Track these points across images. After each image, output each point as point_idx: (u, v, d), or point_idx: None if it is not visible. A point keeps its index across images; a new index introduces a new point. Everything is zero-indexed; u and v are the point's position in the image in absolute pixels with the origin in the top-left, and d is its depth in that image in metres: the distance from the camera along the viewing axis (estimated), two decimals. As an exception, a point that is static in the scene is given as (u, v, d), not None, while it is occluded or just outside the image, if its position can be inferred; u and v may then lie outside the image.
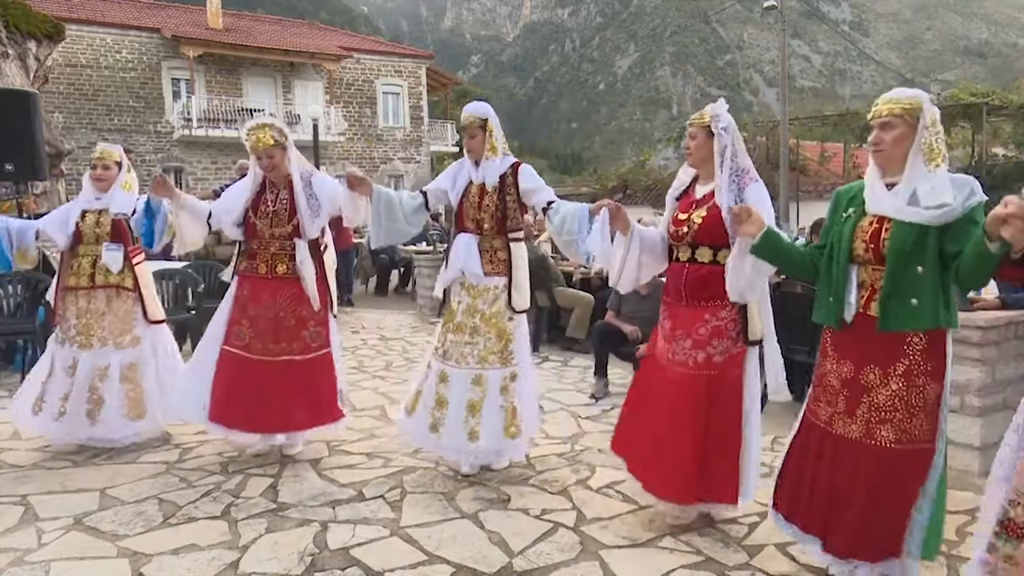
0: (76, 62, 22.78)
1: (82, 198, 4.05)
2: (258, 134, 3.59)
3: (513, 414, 3.43)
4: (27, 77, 8.01)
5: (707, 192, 2.89)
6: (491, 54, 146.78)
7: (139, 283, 4.03)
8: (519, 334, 3.52)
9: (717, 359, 2.80)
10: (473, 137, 3.47)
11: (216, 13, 26.77)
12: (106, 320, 3.94)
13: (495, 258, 3.48)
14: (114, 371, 3.89)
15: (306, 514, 3.06)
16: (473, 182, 3.51)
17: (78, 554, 2.72)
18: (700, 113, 2.92)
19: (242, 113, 25.17)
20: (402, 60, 29.90)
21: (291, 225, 3.64)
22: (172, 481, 3.45)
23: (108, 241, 3.94)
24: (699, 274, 2.84)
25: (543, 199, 3.44)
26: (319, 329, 3.72)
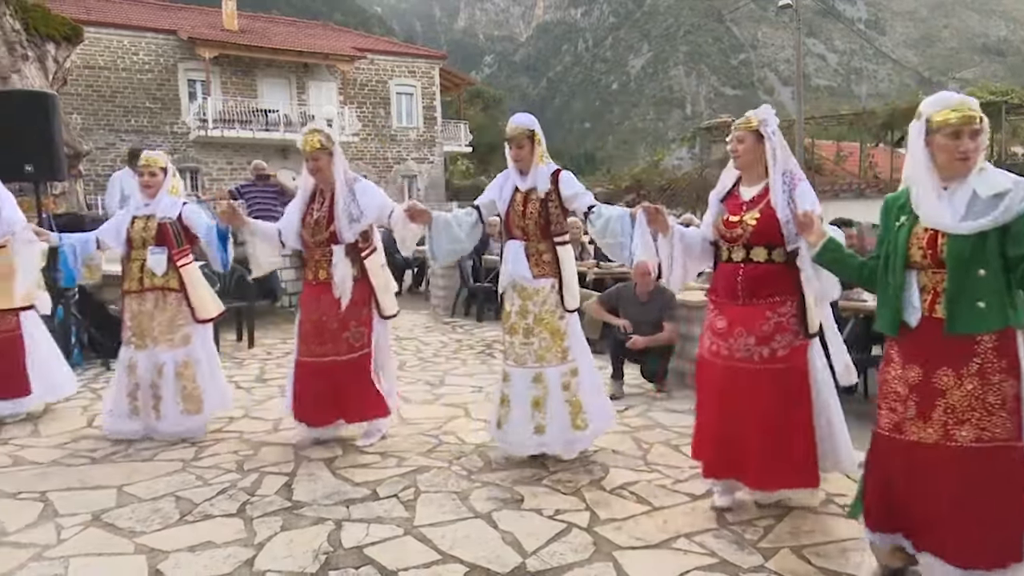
0: (94, 64, 23.02)
1: (132, 205, 4.25)
2: (308, 137, 3.82)
3: (579, 408, 3.60)
4: (46, 79, 8.12)
5: (756, 194, 2.98)
6: (504, 54, 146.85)
7: (185, 284, 4.16)
8: (572, 332, 3.66)
9: (781, 353, 2.91)
10: (521, 147, 3.60)
11: (231, 15, 26.97)
12: (155, 321, 4.11)
13: (541, 261, 3.62)
14: (168, 369, 4.10)
15: (320, 513, 3.08)
16: (519, 190, 3.65)
17: (96, 550, 2.75)
18: (747, 117, 3.01)
19: (257, 114, 25.36)
20: (415, 61, 29.99)
21: (328, 232, 3.83)
22: (188, 479, 3.48)
23: (153, 245, 4.10)
24: (756, 273, 2.93)
25: (584, 204, 3.57)
26: (361, 330, 3.89)
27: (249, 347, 6.74)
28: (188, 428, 4.13)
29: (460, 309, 8.98)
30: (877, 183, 19.70)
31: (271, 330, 7.41)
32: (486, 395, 5.02)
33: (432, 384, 5.43)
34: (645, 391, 5.14)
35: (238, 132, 24.66)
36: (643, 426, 4.22)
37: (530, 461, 3.68)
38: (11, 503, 3.20)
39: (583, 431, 3.63)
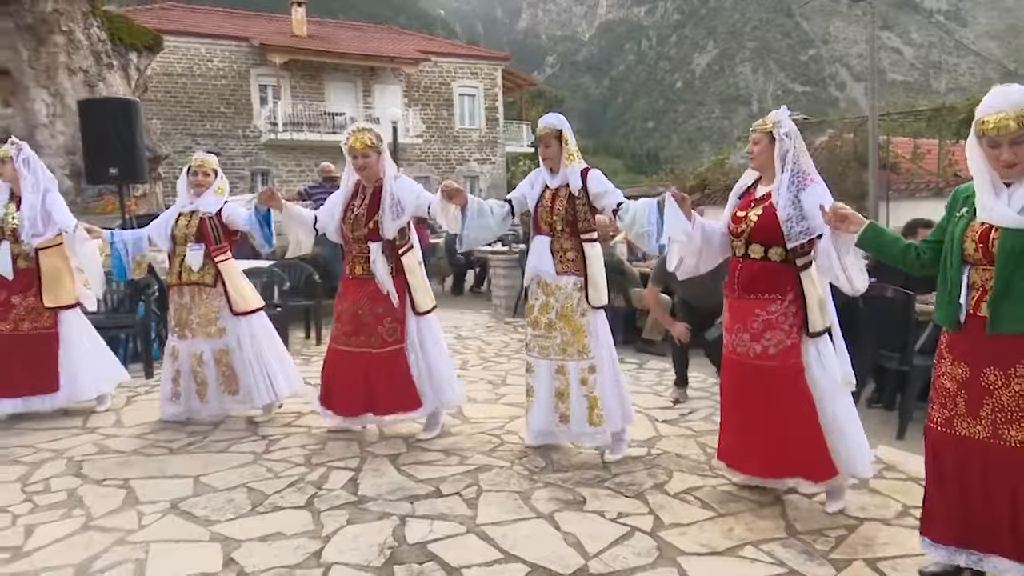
0: (172, 71, 23.99)
1: (178, 203, 4.46)
2: (358, 135, 3.91)
3: (595, 403, 3.65)
4: (129, 86, 8.51)
5: (766, 192, 3.08)
6: (566, 54, 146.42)
7: (222, 279, 4.36)
8: (594, 329, 3.68)
9: (772, 351, 3.00)
10: (548, 146, 3.68)
11: (301, 21, 27.72)
12: (193, 314, 4.37)
13: (565, 258, 3.68)
14: (207, 357, 4.36)
15: (385, 508, 3.14)
16: (548, 187, 3.73)
17: (174, 537, 2.87)
18: (763, 120, 3.11)
19: (324, 117, 25.99)
20: (478, 62, 30.20)
21: (366, 228, 3.93)
22: (260, 471, 3.59)
23: (192, 242, 4.32)
24: (751, 269, 3.05)
25: (612, 201, 3.62)
26: (395, 325, 3.96)
27: (317, 344, 6.91)
28: (227, 409, 4.47)
29: (522, 308, 8.99)
30: (957, 181, 18.80)
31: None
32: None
33: (494, 383, 5.46)
34: (712, 395, 5.05)
35: (306, 135, 25.34)
36: (707, 431, 4.15)
37: (592, 463, 3.67)
38: (98, 489, 3.37)
39: (598, 427, 3.67)
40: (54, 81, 7.53)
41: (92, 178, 6.56)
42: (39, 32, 7.39)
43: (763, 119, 3.12)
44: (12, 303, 4.44)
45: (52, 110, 7.56)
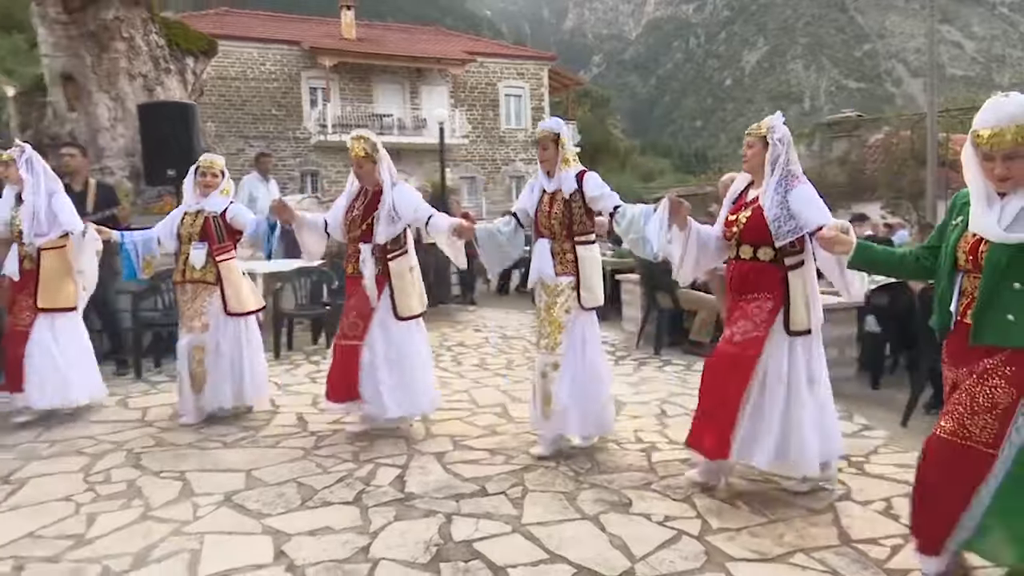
0: (226, 75, 24.60)
1: (185, 202, 4.57)
2: (353, 144, 4.05)
3: (548, 399, 3.75)
4: (185, 90, 8.74)
5: (755, 195, 3.20)
6: (613, 53, 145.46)
7: (222, 278, 4.48)
8: (574, 329, 3.76)
9: (738, 339, 3.16)
10: (546, 149, 3.78)
11: (350, 24, 28.14)
12: (190, 310, 4.50)
13: (564, 260, 3.78)
14: (183, 352, 4.44)
15: (431, 505, 3.16)
16: (545, 191, 3.84)
17: (227, 529, 2.94)
18: (758, 124, 3.22)
19: (372, 118, 26.33)
20: (524, 62, 30.23)
21: (359, 230, 4.07)
22: (309, 466, 3.66)
23: (196, 240, 4.44)
24: (742, 270, 3.18)
25: (609, 204, 3.71)
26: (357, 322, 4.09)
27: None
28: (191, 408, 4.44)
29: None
30: (1022, 179, 18.05)
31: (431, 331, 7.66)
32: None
33: (539, 384, 5.45)
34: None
35: (355, 136, 25.71)
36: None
37: (638, 465, 3.64)
38: (155, 480, 3.48)
39: (547, 421, 3.77)
40: (115, 86, 7.79)
41: (150, 179, 6.77)
42: (101, 39, 7.64)
43: (758, 124, 3.22)
44: (19, 302, 4.54)
45: (113, 114, 7.81)
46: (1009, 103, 2.12)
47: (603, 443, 3.96)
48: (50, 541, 2.84)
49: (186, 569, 2.61)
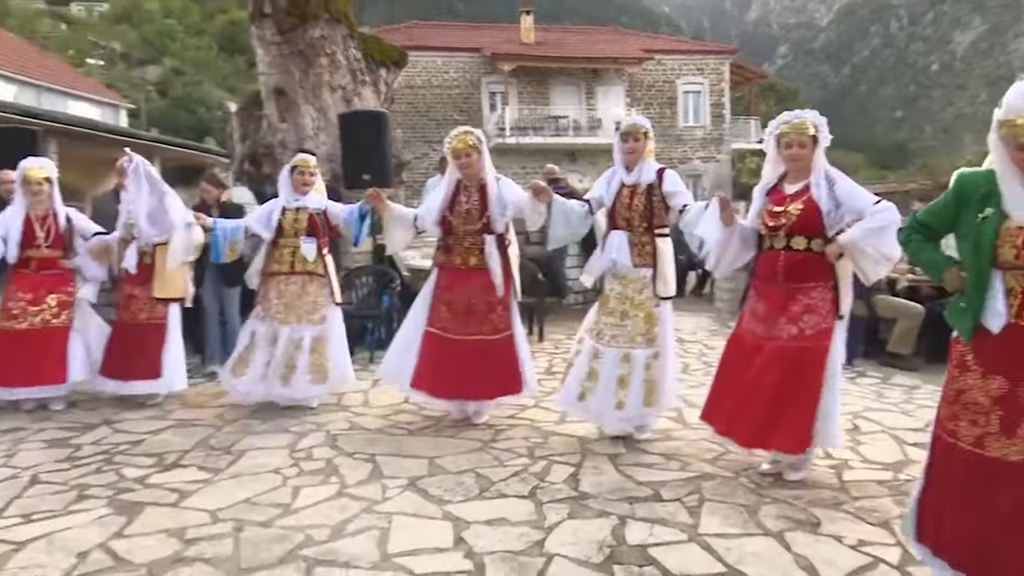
0: (413, 84, 26.15)
1: (282, 198, 4.83)
2: (461, 137, 4.28)
3: (652, 387, 3.93)
4: (378, 99, 9.39)
5: (798, 189, 3.33)
6: (801, 42, 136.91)
7: (327, 270, 4.78)
8: (664, 319, 3.99)
9: (808, 332, 3.27)
10: (637, 140, 3.96)
11: (528, 29, 28.81)
12: (301, 301, 4.70)
13: (643, 251, 3.95)
14: (306, 343, 4.67)
15: (605, 506, 3.16)
16: (625, 185, 3.99)
17: (412, 511, 3.13)
18: (803, 123, 3.33)
19: (548, 120, 26.79)
20: (704, 57, 29.33)
21: (480, 222, 4.25)
22: (487, 458, 3.79)
23: (305, 235, 4.71)
24: (795, 260, 3.29)
25: (680, 202, 3.90)
26: (504, 313, 4.31)
27: (539, 341, 7.13)
28: (309, 396, 4.73)
29: (746, 313, 8.57)
30: None
31: (559, 326, 7.76)
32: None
33: (716, 390, 5.26)
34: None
35: (531, 138, 26.29)
36: (969, 458, 3.64)
37: (827, 483, 3.41)
38: (349, 461, 3.77)
39: (651, 408, 3.97)
40: (319, 98, 8.53)
41: (348, 183, 7.34)
42: (308, 56, 8.41)
43: (801, 122, 3.31)
44: (134, 295, 4.95)
45: (317, 124, 8.57)
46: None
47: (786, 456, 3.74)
48: (263, 508, 3.17)
49: (376, 545, 2.81)
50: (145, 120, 35.08)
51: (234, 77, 47.17)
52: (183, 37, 52.66)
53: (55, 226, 4.92)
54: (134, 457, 3.87)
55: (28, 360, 4.73)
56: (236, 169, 8.96)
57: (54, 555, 2.75)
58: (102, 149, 11.78)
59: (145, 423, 4.50)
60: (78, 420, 4.61)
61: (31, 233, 4.84)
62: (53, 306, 4.88)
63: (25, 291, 4.82)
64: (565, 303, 8.71)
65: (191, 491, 3.37)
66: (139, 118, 34.10)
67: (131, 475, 3.59)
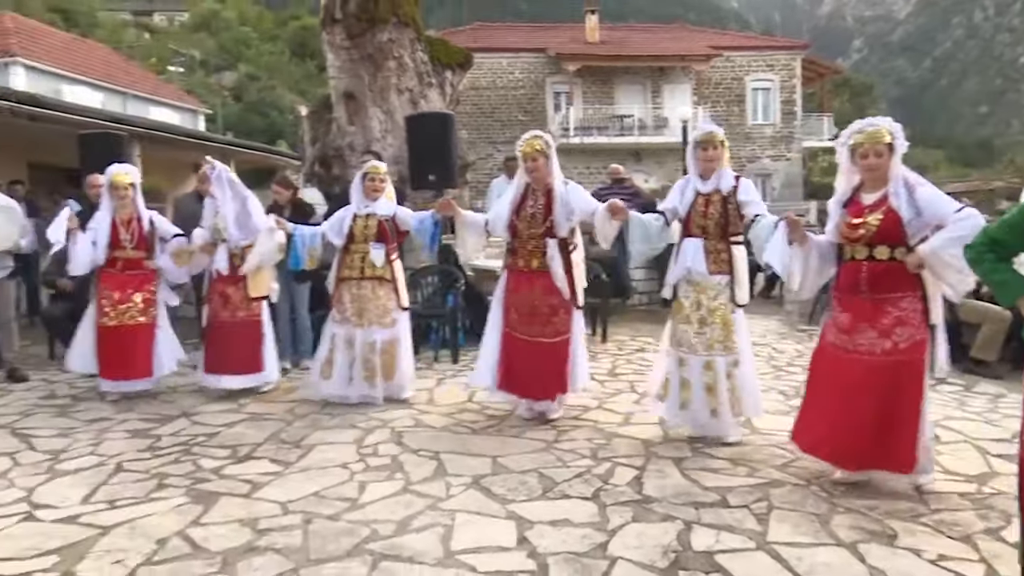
0: (478, 85, 26.34)
1: (353, 204, 4.93)
2: (530, 142, 4.35)
3: (737, 395, 3.93)
4: (444, 101, 9.49)
5: (876, 199, 3.23)
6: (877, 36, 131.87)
7: (395, 276, 4.90)
8: (740, 326, 3.99)
9: (903, 345, 3.18)
10: (716, 148, 3.97)
11: (593, 28, 28.67)
12: (371, 304, 4.82)
13: (719, 259, 3.95)
14: (379, 346, 4.81)
15: (669, 510, 3.11)
16: (700, 193, 4.00)
17: (476, 509, 3.15)
18: (877, 132, 3.19)
19: (613, 120, 26.59)
20: (774, 53, 28.61)
21: (544, 226, 4.30)
22: (550, 459, 3.79)
23: (374, 241, 4.81)
24: (879, 270, 3.20)
25: (752, 211, 3.88)
26: (566, 317, 4.35)
27: (602, 342, 7.08)
28: (377, 396, 4.82)
29: (818, 316, 8.32)
30: None
31: (622, 326, 7.70)
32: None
33: (786, 395, 5.13)
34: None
35: (595, 138, 26.15)
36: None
37: (904, 494, 3.27)
38: (414, 458, 3.82)
39: (739, 417, 3.99)
40: (387, 101, 8.68)
41: (414, 184, 7.45)
42: (376, 59, 8.57)
43: (875, 130, 3.20)
44: (228, 294, 5.16)
45: (384, 126, 8.73)
46: None
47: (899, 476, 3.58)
48: (330, 501, 3.25)
49: (440, 541, 2.84)
50: (221, 124, 36.44)
51: (305, 81, 48.51)
52: (257, 43, 54.47)
53: (139, 228, 5.22)
54: (210, 448, 4.03)
55: (119, 355, 5.06)
56: (306, 171, 9.20)
57: (136, 540, 2.89)
58: (181, 152, 12.29)
59: (220, 416, 4.68)
60: (158, 412, 4.82)
61: (117, 235, 5.16)
62: (139, 303, 5.18)
63: (113, 290, 5.14)
64: (629, 304, 8.63)
65: (263, 483, 3.48)
66: (215, 122, 35.44)
67: (207, 466, 3.74)
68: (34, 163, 10.46)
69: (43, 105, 8.83)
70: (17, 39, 22.25)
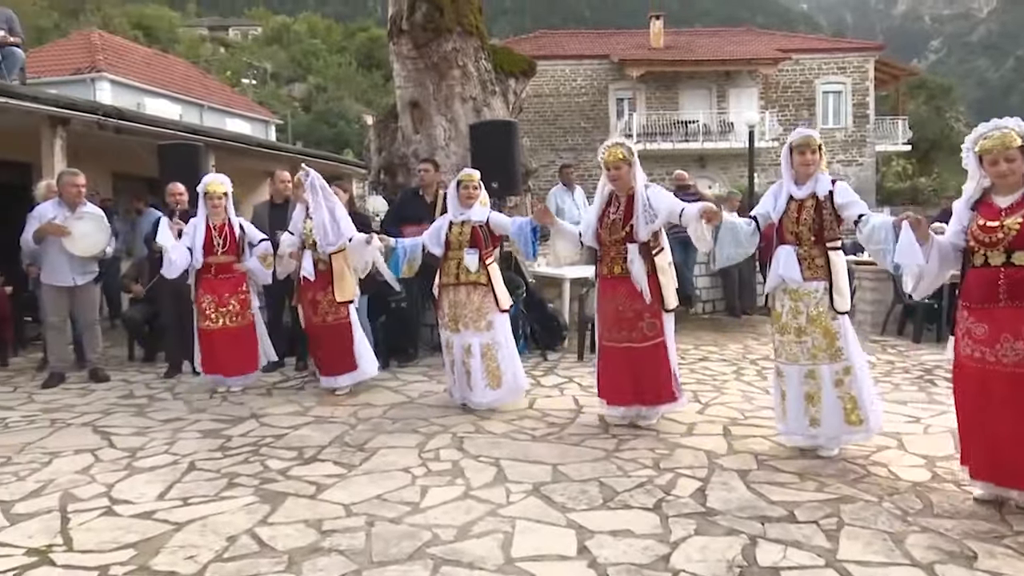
0: (541, 92, 26.42)
1: (450, 212, 5.03)
2: (612, 150, 4.35)
3: (853, 403, 3.81)
4: (507, 109, 9.55)
5: (1014, 201, 3.07)
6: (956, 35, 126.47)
7: (491, 279, 4.91)
8: (845, 332, 3.85)
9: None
10: (814, 153, 3.89)
11: (658, 33, 28.41)
12: (467, 309, 4.87)
13: (813, 265, 3.86)
14: (476, 350, 4.84)
15: (734, 524, 3.03)
16: (794, 199, 3.92)
17: (536, 517, 3.13)
18: (1006, 136, 3.05)
19: (677, 125, 26.25)
20: (846, 55, 27.77)
21: (623, 232, 4.33)
22: (611, 468, 3.75)
23: (468, 247, 4.88)
24: (1018, 276, 3.01)
25: (855, 212, 3.79)
26: (654, 321, 4.33)
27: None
28: (491, 400, 4.87)
29: (892, 327, 8.01)
30: None
31: (685, 335, 7.57)
32: (924, 428, 4.39)
33: (858, 408, 4.93)
34: None
35: (659, 144, 25.86)
36: None
37: (983, 514, 3.10)
38: (474, 464, 3.84)
39: (858, 426, 3.83)
40: (451, 109, 8.80)
41: (476, 192, 7.51)
42: (441, 68, 8.70)
43: (1002, 134, 3.05)
44: (317, 300, 5.36)
45: (448, 134, 8.84)
46: None
47: (939, 482, 3.46)
48: (393, 505, 3.29)
49: (500, 548, 2.84)
50: (291, 134, 37.60)
51: (372, 91, 49.64)
52: (326, 55, 56.06)
53: (230, 234, 5.63)
54: (277, 450, 4.14)
55: (224, 354, 5.54)
56: (372, 179, 9.40)
57: (207, 537, 2.99)
58: (254, 161, 12.73)
59: (287, 419, 4.81)
60: (228, 413, 4.99)
61: (210, 241, 5.55)
62: (236, 307, 5.61)
63: (211, 294, 5.56)
64: (692, 312, 8.49)
65: (328, 485, 3.56)
66: (285, 132, 36.59)
67: (275, 467, 3.84)
68: (118, 172, 11.00)
69: (127, 118, 9.28)
70: (104, 55, 23.51)
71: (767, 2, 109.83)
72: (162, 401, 5.34)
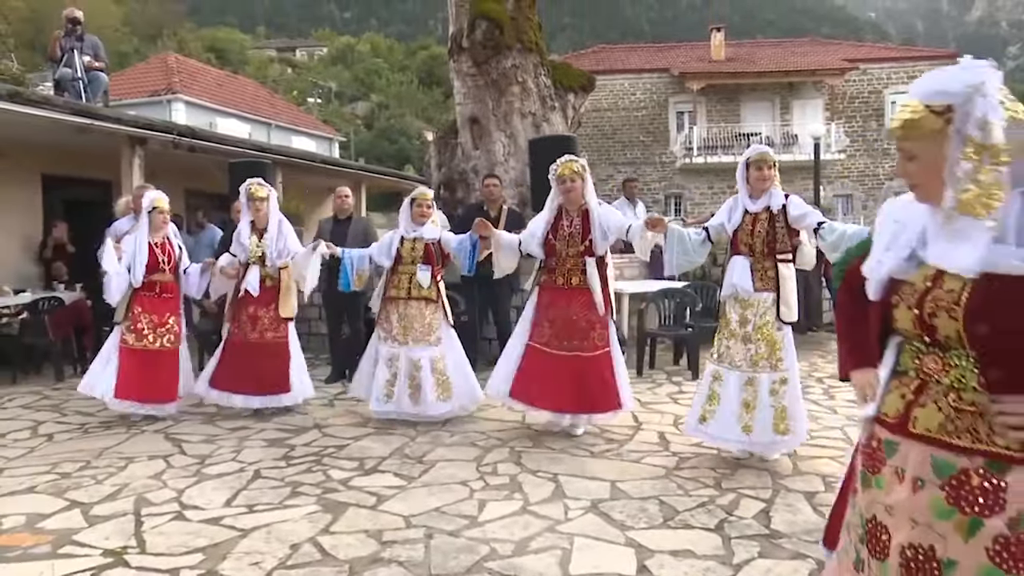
0: (599, 107, 26.37)
1: (401, 228, 5.07)
2: (567, 164, 4.52)
3: (783, 413, 3.92)
4: (566, 124, 9.57)
5: None
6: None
7: (440, 295, 5.03)
8: (787, 343, 4.00)
9: None
10: (770, 169, 4.03)
11: (719, 45, 28.05)
12: (417, 323, 4.93)
13: (765, 276, 4.01)
14: (425, 363, 4.88)
15: (799, 548, 2.94)
16: (748, 212, 4.06)
17: (594, 534, 3.10)
18: None
19: (739, 138, 25.79)
20: (916, 64, 26.80)
21: (583, 245, 4.48)
22: (671, 486, 3.68)
23: (421, 263, 4.96)
24: None
25: (812, 221, 3.93)
26: (603, 331, 4.50)
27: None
28: (442, 412, 4.90)
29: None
30: None
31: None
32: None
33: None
34: None
35: (720, 157, 25.46)
36: None
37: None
38: (532, 478, 3.83)
39: (784, 436, 3.93)
40: (510, 125, 8.88)
41: (536, 207, 7.54)
42: (500, 85, 8.79)
43: None
44: (258, 315, 5.29)
45: (507, 149, 8.92)
46: None
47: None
48: (451, 518, 3.31)
49: (558, 564, 2.82)
50: (353, 151, 38.51)
51: (432, 108, 50.47)
52: (388, 74, 57.35)
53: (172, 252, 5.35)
54: (339, 460, 4.21)
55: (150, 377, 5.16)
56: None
57: (271, 544, 3.06)
58: (318, 178, 13.08)
59: (349, 429, 4.89)
60: (291, 423, 5.11)
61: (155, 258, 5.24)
62: (175, 326, 5.33)
63: (152, 313, 5.23)
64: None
65: (388, 496, 3.60)
66: (348, 149, 37.50)
67: (336, 476, 3.91)
68: (190, 189, 11.46)
69: (200, 137, 9.67)
70: (179, 78, 24.61)
71: (833, 12, 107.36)
72: (228, 409, 5.51)
